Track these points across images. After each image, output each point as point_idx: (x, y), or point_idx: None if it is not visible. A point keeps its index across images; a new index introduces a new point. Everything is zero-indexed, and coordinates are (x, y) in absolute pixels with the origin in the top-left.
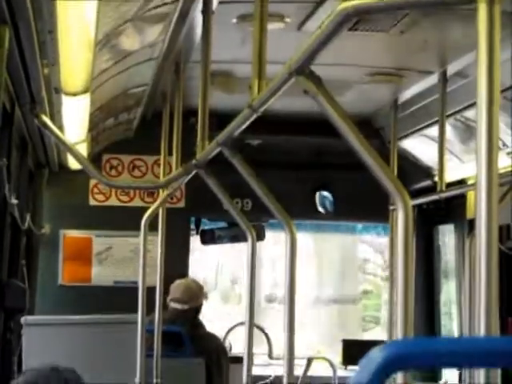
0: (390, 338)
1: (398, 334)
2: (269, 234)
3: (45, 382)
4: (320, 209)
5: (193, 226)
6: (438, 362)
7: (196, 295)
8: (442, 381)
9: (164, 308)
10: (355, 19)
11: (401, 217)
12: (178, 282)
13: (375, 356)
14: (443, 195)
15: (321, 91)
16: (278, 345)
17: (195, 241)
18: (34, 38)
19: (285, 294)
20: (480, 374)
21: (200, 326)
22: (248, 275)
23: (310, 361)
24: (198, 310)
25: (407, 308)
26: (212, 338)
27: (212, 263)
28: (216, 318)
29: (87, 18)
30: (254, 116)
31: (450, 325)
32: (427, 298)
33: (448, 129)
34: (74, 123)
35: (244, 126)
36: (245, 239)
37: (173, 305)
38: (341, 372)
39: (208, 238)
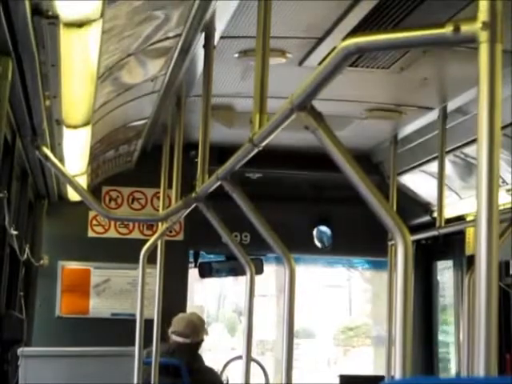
0: (388, 373)
1: (397, 372)
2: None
3: None
4: (318, 244)
5: (191, 259)
6: None
7: (198, 330)
8: None
9: (162, 340)
10: (356, 56)
11: (400, 252)
12: (181, 315)
13: None
14: (442, 231)
15: (321, 127)
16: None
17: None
18: (37, 70)
19: (283, 327)
20: None
21: (199, 359)
22: (246, 308)
23: None
24: (199, 344)
25: (405, 345)
26: (210, 371)
27: (213, 294)
28: (221, 350)
29: (90, 51)
30: (255, 151)
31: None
32: (425, 334)
33: (447, 165)
34: (74, 155)
35: (244, 161)
36: (243, 273)
37: (174, 338)
38: None
39: (206, 271)
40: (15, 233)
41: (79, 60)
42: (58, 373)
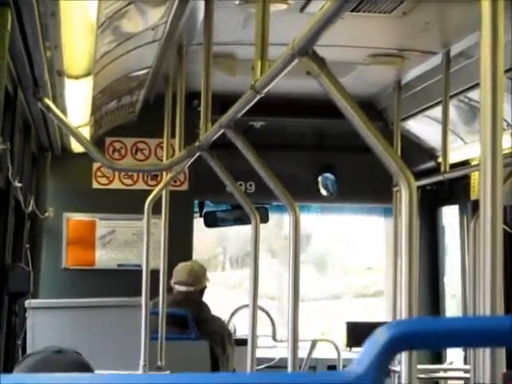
0: (394, 318)
1: (403, 315)
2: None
3: (49, 365)
4: (323, 191)
5: (196, 209)
6: (443, 341)
7: (200, 277)
8: (447, 362)
9: (168, 291)
10: (358, 0)
11: (405, 197)
12: (181, 264)
13: (380, 336)
14: (447, 176)
15: (324, 72)
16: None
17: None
18: (37, 20)
19: (289, 275)
20: (485, 353)
21: (205, 308)
22: (252, 256)
23: (314, 343)
24: (202, 292)
25: (411, 290)
26: (217, 320)
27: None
28: None
29: (89, 0)
30: (257, 97)
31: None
32: (431, 279)
33: (451, 110)
34: (76, 106)
35: (247, 108)
36: (248, 222)
37: (177, 287)
38: (345, 354)
39: (211, 221)
40: (19, 185)
41: (79, 9)
42: (65, 324)
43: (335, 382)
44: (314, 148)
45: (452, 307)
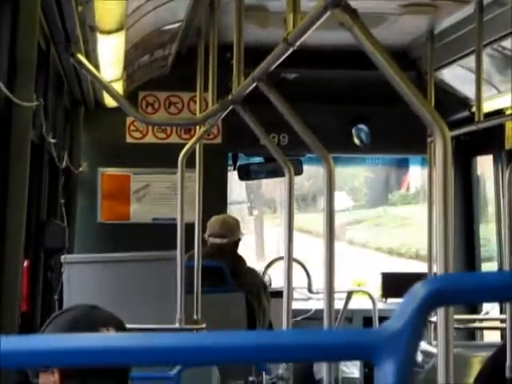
0: (430, 270)
1: (439, 268)
2: None
3: (85, 321)
4: (357, 142)
5: (230, 162)
6: (480, 296)
7: (234, 229)
8: (483, 312)
9: (203, 244)
10: None
11: (439, 148)
12: (214, 217)
13: (417, 292)
14: (481, 126)
15: (356, 24)
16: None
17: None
18: None
19: (324, 226)
20: None
21: (240, 260)
22: (286, 209)
23: (350, 294)
24: (236, 244)
25: (447, 241)
26: (252, 272)
27: None
28: None
29: None
30: (290, 50)
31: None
32: (466, 229)
33: (485, 59)
34: (109, 61)
35: (279, 61)
36: (282, 174)
37: (211, 240)
38: (380, 305)
39: (245, 174)
40: (53, 141)
41: None
42: (101, 278)
43: (374, 338)
44: (347, 99)
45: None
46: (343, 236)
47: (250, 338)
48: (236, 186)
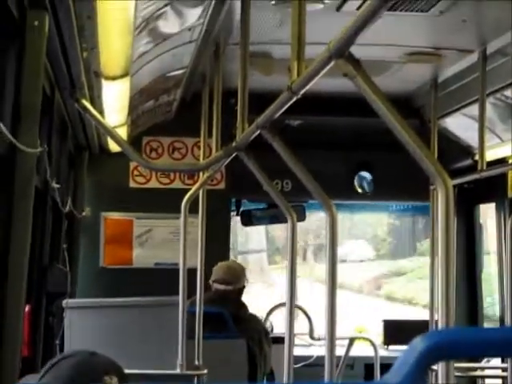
0: (431, 318)
1: (440, 319)
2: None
3: (87, 367)
4: (358, 190)
5: (233, 208)
6: (479, 352)
7: (239, 276)
8: (485, 360)
9: (205, 290)
10: (395, 0)
11: (441, 198)
12: (220, 263)
13: (417, 345)
14: (484, 174)
15: (360, 74)
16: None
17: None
18: (74, 23)
19: (326, 273)
20: None
21: (243, 307)
22: (289, 255)
23: (351, 341)
24: (240, 291)
25: (448, 292)
26: (254, 319)
27: None
28: None
29: (126, 1)
30: (294, 99)
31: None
32: (469, 278)
33: (488, 107)
34: (113, 107)
35: (284, 109)
36: (285, 220)
37: (216, 286)
38: (382, 352)
39: (248, 219)
40: (57, 186)
41: (116, 11)
42: (103, 323)
43: None
44: (350, 146)
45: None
46: (377, 290)
47: None
48: (254, 234)
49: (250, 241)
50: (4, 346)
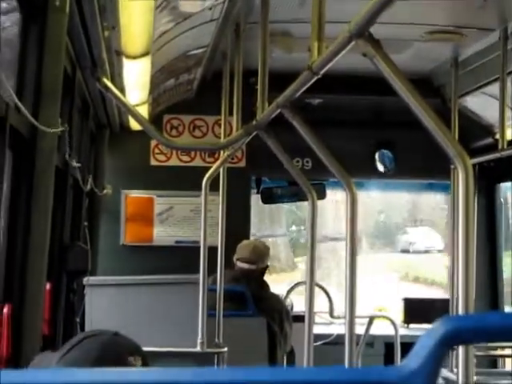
0: (452, 296)
1: (460, 299)
2: None
3: (112, 349)
4: (380, 167)
5: (253, 185)
6: (498, 337)
7: (263, 256)
8: None
9: (227, 267)
10: None
11: (461, 178)
12: (245, 241)
13: (435, 330)
14: (504, 153)
15: (379, 54)
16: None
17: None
18: (95, 2)
19: (346, 252)
20: None
21: (264, 286)
22: (309, 233)
23: (371, 319)
24: (263, 270)
25: (468, 270)
26: (275, 298)
27: None
28: None
29: None
30: (314, 78)
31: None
32: (489, 256)
33: (509, 86)
34: (134, 85)
35: (304, 88)
36: (305, 198)
37: (239, 264)
38: (402, 330)
39: (269, 197)
40: (78, 165)
41: None
42: (123, 301)
43: (390, 377)
44: (371, 124)
45: None
46: None
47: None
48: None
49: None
50: (25, 324)
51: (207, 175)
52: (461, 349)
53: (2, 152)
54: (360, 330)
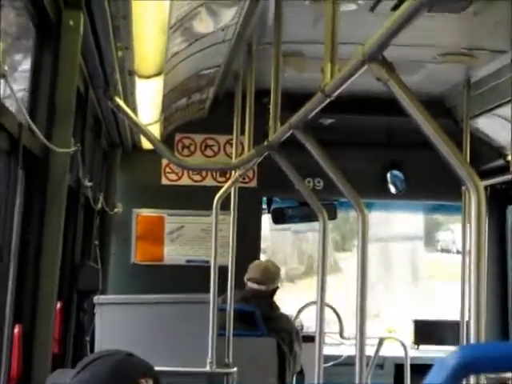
0: (462, 318)
1: (471, 325)
2: None
3: (124, 370)
4: (391, 188)
5: (264, 206)
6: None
7: (274, 277)
8: None
9: (237, 287)
10: (429, 5)
11: (473, 200)
12: (257, 262)
13: (447, 361)
14: None
15: (393, 77)
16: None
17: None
18: (109, 22)
19: (357, 273)
20: None
21: (274, 307)
22: (320, 254)
23: (381, 341)
24: (274, 291)
25: (480, 290)
26: (285, 318)
27: None
28: None
29: (161, 2)
30: (327, 101)
31: None
32: (500, 279)
33: None
34: (147, 105)
35: (316, 110)
36: (316, 218)
37: (250, 284)
38: (412, 352)
39: (280, 217)
40: (90, 184)
41: (150, 11)
42: (134, 320)
43: None
44: (383, 145)
45: None
46: None
47: None
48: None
49: None
50: (35, 343)
51: (218, 195)
52: (472, 379)
53: (14, 172)
54: (370, 351)
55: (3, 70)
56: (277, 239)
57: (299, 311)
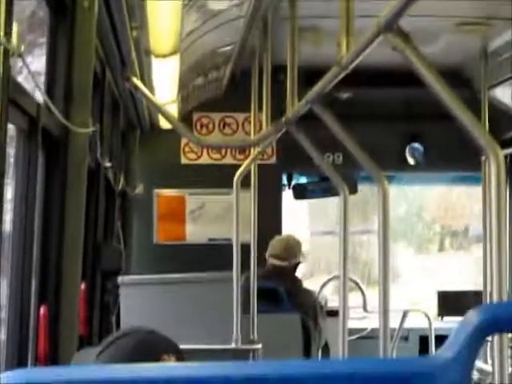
0: (485, 288)
1: (494, 290)
2: None
3: (147, 347)
4: (410, 160)
5: (285, 182)
6: None
7: (295, 252)
8: None
9: (259, 264)
10: None
11: (493, 169)
12: (277, 237)
13: (470, 319)
14: None
15: (409, 47)
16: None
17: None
18: (123, 2)
19: (378, 246)
20: None
21: (297, 281)
22: (341, 228)
23: (405, 313)
24: (296, 266)
25: (501, 262)
26: (308, 293)
27: None
28: None
29: None
30: (343, 73)
31: None
32: None
33: None
34: (164, 84)
35: (333, 84)
36: (337, 193)
37: (271, 260)
38: (437, 323)
39: (300, 193)
40: (109, 164)
41: None
42: (157, 299)
43: (427, 367)
44: (401, 117)
45: None
46: None
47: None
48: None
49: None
50: (61, 323)
51: (238, 172)
52: (496, 339)
53: (34, 153)
54: (394, 323)
55: (20, 51)
56: (322, 245)
57: (322, 286)
